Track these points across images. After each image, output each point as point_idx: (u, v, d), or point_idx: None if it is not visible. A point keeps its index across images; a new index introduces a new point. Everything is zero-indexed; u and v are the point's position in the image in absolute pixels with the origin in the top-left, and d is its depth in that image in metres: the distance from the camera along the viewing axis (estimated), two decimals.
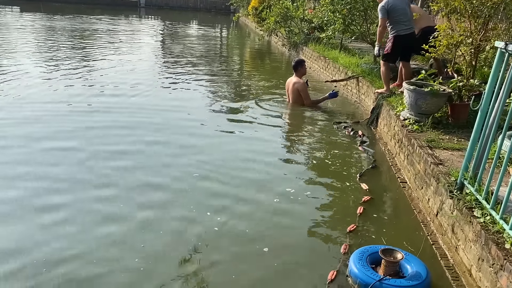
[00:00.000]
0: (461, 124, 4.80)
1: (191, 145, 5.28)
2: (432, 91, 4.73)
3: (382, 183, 4.53)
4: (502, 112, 2.87)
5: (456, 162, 3.81)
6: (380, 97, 6.22)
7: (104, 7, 28.52)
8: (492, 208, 2.72)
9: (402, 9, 5.93)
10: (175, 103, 7.18)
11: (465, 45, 4.91)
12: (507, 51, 2.71)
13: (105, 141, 5.15)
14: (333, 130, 6.04)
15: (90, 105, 6.71)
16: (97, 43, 13.50)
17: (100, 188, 3.96)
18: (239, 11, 25.37)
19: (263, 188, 4.17)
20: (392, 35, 6.10)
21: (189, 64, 11.00)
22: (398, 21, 5.96)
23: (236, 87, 8.71)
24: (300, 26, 12.71)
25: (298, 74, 7.11)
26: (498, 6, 4.93)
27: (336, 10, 8.27)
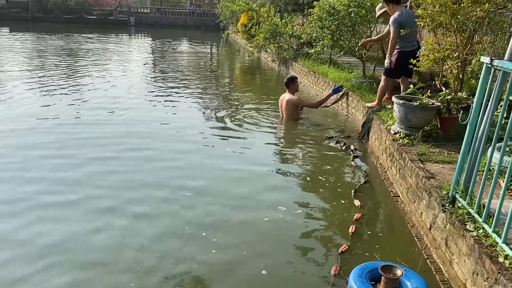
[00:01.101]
0: (450, 137, 4.84)
1: (182, 160, 5.31)
2: (421, 105, 4.78)
3: (375, 197, 4.53)
4: (491, 124, 2.91)
5: (447, 175, 3.83)
6: (371, 111, 6.27)
7: (94, 26, 28.66)
8: (484, 221, 2.73)
9: (411, 26, 5.71)
10: (165, 119, 7.26)
11: (452, 59, 4.98)
12: (492, 66, 2.75)
13: (95, 156, 5.23)
14: (325, 145, 6.06)
15: (79, 121, 6.87)
16: (87, 61, 13.53)
17: (90, 213, 3.93)
18: (228, 28, 25.59)
19: (254, 205, 4.16)
20: (396, 50, 6.03)
21: (179, 80, 11.06)
22: (406, 36, 5.80)
23: (227, 102, 8.74)
24: (289, 42, 12.83)
25: (290, 91, 7.15)
26: (483, 20, 5.03)
27: (324, 26, 8.37)
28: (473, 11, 4.79)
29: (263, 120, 7.27)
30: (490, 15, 5.07)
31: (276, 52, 13.58)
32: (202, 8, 34.27)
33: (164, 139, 6.20)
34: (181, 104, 8.40)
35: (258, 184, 4.71)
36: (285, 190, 4.56)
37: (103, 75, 11.17)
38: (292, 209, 4.09)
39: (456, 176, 3.13)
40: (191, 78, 11.67)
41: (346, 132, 6.68)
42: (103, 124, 6.75)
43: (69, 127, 6.48)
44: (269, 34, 13.00)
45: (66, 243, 3.38)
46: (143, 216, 3.87)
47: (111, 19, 32.21)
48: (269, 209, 4.05)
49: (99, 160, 5.17)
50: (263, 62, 15.66)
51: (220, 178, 4.83)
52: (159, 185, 4.55)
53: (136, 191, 4.38)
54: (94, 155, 5.33)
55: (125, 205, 4.05)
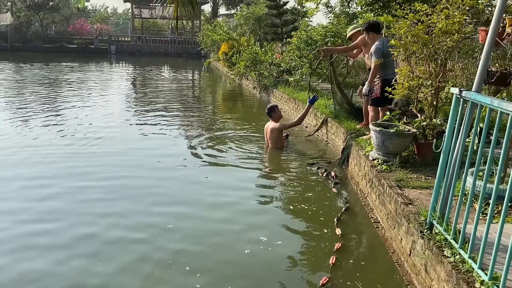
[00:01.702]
0: (427, 162, 4.96)
1: (163, 188, 5.36)
2: (398, 132, 4.92)
3: (356, 224, 4.58)
4: (465, 150, 3.02)
5: (425, 201, 3.92)
6: (349, 137, 6.40)
7: (74, 55, 28.69)
8: (460, 247, 2.80)
9: (391, 54, 5.80)
10: (146, 146, 7.38)
11: (426, 86, 5.16)
12: (461, 97, 2.88)
13: (74, 185, 5.18)
14: (306, 172, 6.13)
15: (58, 149, 6.88)
16: (67, 90, 13.52)
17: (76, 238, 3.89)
18: (210, 56, 25.90)
19: (235, 237, 4.15)
20: (379, 79, 6.10)
21: (161, 107, 11.14)
22: (388, 64, 5.96)
23: (209, 129, 8.80)
24: (269, 70, 13.07)
25: (274, 119, 7.25)
26: (453, 49, 5.25)
27: (302, 56, 8.58)
28: (443, 41, 5.01)
29: (246, 147, 7.34)
30: (460, 44, 5.31)
31: (257, 80, 13.79)
32: (183, 36, 34.60)
33: (145, 165, 6.25)
34: (162, 131, 8.44)
35: (239, 213, 4.72)
36: (267, 220, 4.58)
37: (83, 104, 11.18)
38: (274, 239, 4.07)
39: (432, 203, 3.22)
40: (172, 105, 11.75)
41: (326, 158, 6.78)
42: (82, 152, 6.78)
43: (49, 156, 6.47)
44: (249, 62, 13.24)
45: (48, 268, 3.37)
46: (118, 244, 3.90)
47: (92, 47, 32.31)
48: (250, 241, 4.03)
49: (78, 188, 5.21)
50: (245, 89, 15.84)
51: (199, 207, 4.85)
52: (137, 212, 4.56)
53: (113, 219, 4.39)
54: (73, 183, 5.36)
55: (103, 233, 4.08)
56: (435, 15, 5.03)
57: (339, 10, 13.75)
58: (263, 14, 19.14)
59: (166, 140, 7.77)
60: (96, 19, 39.61)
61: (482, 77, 3.02)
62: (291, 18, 18.00)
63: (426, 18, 5.09)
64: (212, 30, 21.95)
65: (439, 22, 4.95)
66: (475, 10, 5.31)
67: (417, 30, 5.02)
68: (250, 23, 19.39)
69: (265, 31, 18.91)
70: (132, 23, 37.96)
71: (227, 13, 36.28)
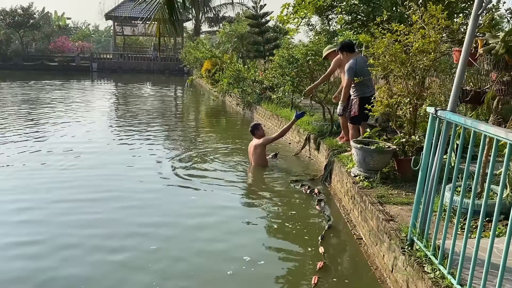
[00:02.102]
0: (408, 178, 5.06)
1: (144, 208, 5.33)
2: (378, 149, 5.02)
3: (339, 241, 4.63)
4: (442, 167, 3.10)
5: (406, 217, 3.99)
6: (332, 154, 6.49)
7: (55, 72, 28.39)
8: (440, 263, 2.86)
9: (368, 71, 5.91)
10: (129, 164, 7.31)
11: (404, 104, 5.30)
12: (437, 116, 2.98)
13: (56, 199, 5.20)
14: (290, 189, 6.16)
15: (42, 166, 6.82)
16: (48, 108, 13.37)
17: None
18: (192, 73, 25.98)
19: (219, 256, 4.15)
20: (356, 97, 6.18)
21: (143, 124, 11.13)
22: (364, 82, 6.05)
23: (192, 146, 8.80)
24: (252, 87, 13.18)
25: (257, 137, 7.30)
26: (430, 67, 5.42)
27: (284, 73, 8.70)
28: (420, 60, 5.17)
29: (229, 165, 7.36)
30: (436, 63, 5.48)
31: (240, 96, 13.89)
32: (165, 53, 34.66)
33: (128, 184, 6.24)
34: (145, 149, 8.40)
35: (223, 233, 4.71)
36: (251, 239, 4.57)
37: (64, 121, 11.09)
38: (257, 259, 4.05)
39: (412, 219, 3.29)
40: (155, 122, 11.74)
41: (310, 175, 6.84)
42: (64, 168, 6.78)
43: (32, 173, 6.50)
44: (232, 79, 13.34)
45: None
46: (99, 266, 3.88)
47: (73, 65, 32.09)
48: (233, 260, 4.02)
49: (62, 203, 5.30)
50: (228, 106, 15.92)
51: (182, 226, 4.85)
52: (119, 233, 4.55)
53: (94, 240, 4.36)
54: (57, 198, 5.45)
55: (84, 254, 4.05)
56: (412, 35, 5.19)
57: (320, 28, 14.01)
58: (245, 32, 19.37)
59: (149, 158, 7.73)
60: (78, 37, 39.47)
61: (456, 96, 3.13)
62: (273, 36, 18.26)
63: (403, 37, 5.26)
64: (194, 48, 22.09)
65: (415, 41, 5.12)
66: (450, 29, 5.49)
67: (395, 50, 5.17)
68: (233, 40, 19.59)
69: (247, 48, 19.12)
70: (114, 40, 37.94)
71: (209, 30, 36.55)
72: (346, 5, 7.92)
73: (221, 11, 35.90)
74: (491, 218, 2.48)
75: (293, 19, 8.13)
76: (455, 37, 5.77)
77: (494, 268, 2.47)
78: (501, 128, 2.48)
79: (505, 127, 3.65)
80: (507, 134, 2.24)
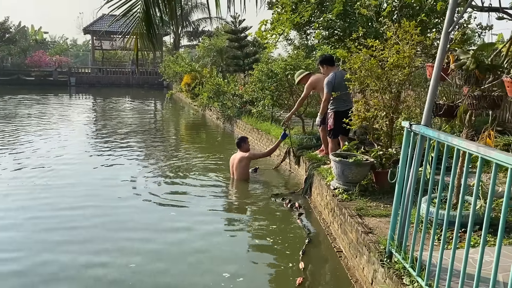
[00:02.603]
0: (385, 190, 5.13)
1: (121, 223, 5.31)
2: (356, 162, 5.09)
3: (320, 254, 4.64)
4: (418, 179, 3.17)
5: (384, 229, 4.04)
6: (311, 167, 6.54)
7: (32, 87, 27.94)
8: (418, 275, 2.91)
9: (345, 87, 5.95)
10: (107, 179, 7.25)
11: (380, 118, 5.40)
12: (411, 130, 3.05)
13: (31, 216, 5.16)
14: (271, 203, 6.17)
15: (16, 182, 6.73)
16: (24, 123, 13.11)
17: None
18: (172, 87, 25.91)
19: (198, 273, 4.11)
20: (332, 111, 6.28)
21: (122, 139, 11.04)
22: (339, 97, 6.10)
23: (172, 161, 8.74)
24: (232, 101, 13.22)
25: (242, 150, 7.31)
26: (405, 82, 5.55)
27: (264, 87, 8.78)
28: (395, 75, 5.30)
29: (210, 179, 7.34)
30: (410, 77, 5.62)
31: (220, 110, 13.91)
32: (144, 67, 34.50)
33: (105, 199, 6.18)
34: (124, 164, 8.31)
35: (203, 249, 4.67)
36: (231, 256, 4.53)
37: (41, 137, 10.89)
38: (236, 276, 4.02)
39: (390, 232, 3.33)
40: (135, 136, 11.64)
41: (290, 188, 6.87)
42: (38, 185, 6.68)
43: (6, 188, 6.40)
44: (212, 93, 13.37)
45: None
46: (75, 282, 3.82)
47: (51, 79, 31.65)
48: (212, 277, 3.98)
49: (36, 219, 5.24)
50: (208, 120, 15.91)
51: (161, 240, 4.81)
52: (97, 250, 4.47)
53: (69, 257, 4.29)
54: (31, 214, 5.38)
55: (60, 269, 4.00)
56: (387, 50, 5.33)
57: (298, 43, 14.20)
58: (224, 46, 19.48)
59: (128, 173, 7.63)
60: (55, 51, 38.92)
61: (430, 110, 3.22)
62: (253, 50, 18.42)
63: (378, 53, 5.38)
64: (174, 62, 22.08)
65: (390, 56, 5.25)
66: (423, 45, 5.65)
67: (370, 65, 5.28)
68: (212, 54, 19.66)
69: (227, 62, 19.20)
70: (93, 54, 37.58)
71: (189, 44, 36.62)
72: (323, 20, 8.06)
73: (200, 25, 36.14)
74: (466, 229, 2.54)
75: (271, 35, 8.24)
76: (428, 52, 5.94)
77: (470, 278, 2.52)
78: (473, 142, 2.56)
79: (477, 140, 3.76)
80: (478, 148, 2.31)
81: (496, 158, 2.14)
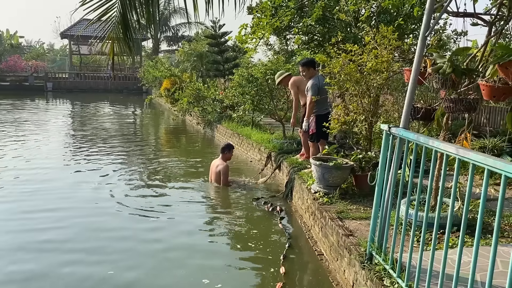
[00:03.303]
0: (365, 193, 5.17)
1: (98, 231, 5.18)
2: (336, 165, 5.12)
3: (301, 258, 4.64)
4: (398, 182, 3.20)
5: (365, 231, 4.07)
6: (292, 171, 6.55)
7: (7, 92, 27.26)
8: (398, 276, 2.93)
9: (326, 91, 6.17)
10: (83, 185, 7.11)
11: (360, 121, 5.46)
12: (390, 133, 3.09)
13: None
14: (252, 207, 6.15)
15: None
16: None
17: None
18: (151, 92, 25.66)
19: (177, 280, 4.05)
20: (313, 114, 6.34)
21: (100, 145, 10.86)
22: (322, 101, 6.20)
23: (151, 167, 8.62)
24: (213, 105, 13.18)
25: (223, 157, 7.23)
26: (383, 86, 5.63)
27: (244, 92, 8.78)
28: (374, 79, 5.37)
29: (190, 184, 7.27)
30: (389, 82, 5.71)
31: (201, 115, 13.84)
32: (123, 72, 34.09)
33: (81, 207, 6.04)
34: (102, 170, 8.14)
35: (182, 254, 4.63)
36: (211, 262, 4.47)
37: (16, 143, 10.60)
38: (216, 282, 3.95)
39: (370, 234, 3.35)
40: (113, 142, 11.45)
41: (271, 192, 6.85)
42: (10, 193, 6.51)
43: None
44: (192, 98, 13.30)
45: None
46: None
47: (27, 85, 30.95)
48: (191, 284, 3.93)
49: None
50: (188, 125, 15.81)
51: (140, 246, 4.74)
52: (73, 256, 4.35)
53: (49, 267, 4.15)
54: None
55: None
56: (365, 55, 5.40)
57: (278, 48, 14.29)
58: (204, 51, 19.44)
59: (105, 179, 7.49)
60: (31, 56, 38.16)
61: (408, 114, 3.26)
62: (233, 55, 18.44)
63: (357, 57, 5.45)
64: (153, 66, 21.91)
65: (369, 61, 5.32)
66: (401, 49, 5.75)
67: (349, 69, 5.34)
68: (192, 59, 19.58)
69: (207, 67, 19.16)
70: (70, 59, 36.98)
71: (168, 49, 36.43)
72: (303, 26, 8.15)
73: (179, 30, 36.01)
74: (445, 230, 2.57)
75: (251, 39, 8.26)
76: (406, 56, 6.04)
77: (449, 278, 2.55)
78: (451, 144, 2.60)
79: (454, 142, 3.83)
80: (457, 150, 2.35)
81: (474, 159, 2.18)
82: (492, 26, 3.69)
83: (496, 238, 2.08)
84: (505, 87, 3.14)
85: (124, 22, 4.16)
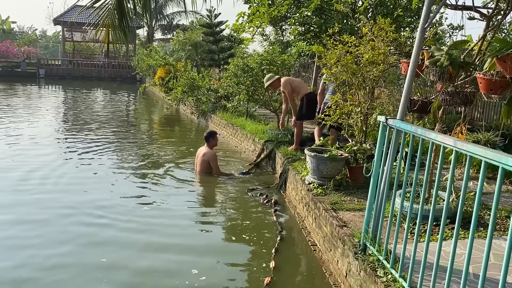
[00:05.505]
0: (359, 185, 5.20)
1: (94, 226, 5.07)
2: (331, 157, 5.12)
3: (294, 248, 4.65)
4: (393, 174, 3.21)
5: (359, 222, 4.08)
6: (286, 162, 6.55)
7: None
8: (392, 267, 2.95)
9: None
10: (76, 174, 7.05)
11: (355, 113, 5.46)
12: (387, 124, 3.08)
13: None
14: (247, 198, 6.13)
15: None
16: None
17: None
18: (145, 81, 25.47)
19: (164, 268, 4.04)
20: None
21: (92, 134, 10.75)
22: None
23: (145, 155, 8.59)
24: (207, 95, 13.11)
25: (209, 145, 7.22)
26: (379, 79, 5.62)
27: (239, 82, 8.73)
28: (370, 71, 5.35)
29: (184, 174, 7.23)
30: (385, 74, 5.70)
31: (195, 105, 13.77)
32: (117, 60, 33.76)
33: (74, 196, 5.95)
34: (94, 159, 8.08)
35: (173, 243, 4.61)
36: (202, 253, 4.43)
37: (6, 131, 10.48)
38: (210, 277, 3.91)
39: (365, 225, 3.37)
40: (105, 131, 11.36)
41: (266, 183, 6.84)
42: (6, 184, 6.34)
43: None
44: (187, 87, 13.21)
45: None
46: None
47: (19, 71, 30.56)
48: (180, 276, 3.90)
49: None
50: (182, 114, 15.73)
51: (131, 237, 4.70)
52: (63, 248, 4.35)
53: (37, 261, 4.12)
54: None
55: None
56: (362, 47, 5.38)
57: (274, 39, 14.21)
58: (199, 40, 19.29)
59: (98, 168, 7.46)
60: (24, 42, 37.64)
61: (405, 106, 3.26)
62: (228, 45, 18.30)
63: (354, 49, 5.43)
64: (147, 55, 21.72)
65: (366, 53, 5.30)
66: (397, 42, 5.73)
67: (346, 61, 5.32)
68: (187, 48, 19.43)
69: (202, 57, 19.02)
70: (63, 46, 36.54)
71: (163, 37, 36.07)
72: (300, 16, 8.10)
73: (174, 19, 35.62)
74: (439, 222, 2.58)
75: (248, 28, 8.19)
76: (402, 49, 6.03)
77: (442, 270, 2.57)
78: (448, 136, 2.60)
79: (450, 135, 3.83)
80: (455, 142, 2.35)
81: (471, 151, 2.18)
82: (490, 20, 3.69)
83: (491, 231, 2.09)
84: (502, 81, 3.15)
85: (120, 8, 4.11)
